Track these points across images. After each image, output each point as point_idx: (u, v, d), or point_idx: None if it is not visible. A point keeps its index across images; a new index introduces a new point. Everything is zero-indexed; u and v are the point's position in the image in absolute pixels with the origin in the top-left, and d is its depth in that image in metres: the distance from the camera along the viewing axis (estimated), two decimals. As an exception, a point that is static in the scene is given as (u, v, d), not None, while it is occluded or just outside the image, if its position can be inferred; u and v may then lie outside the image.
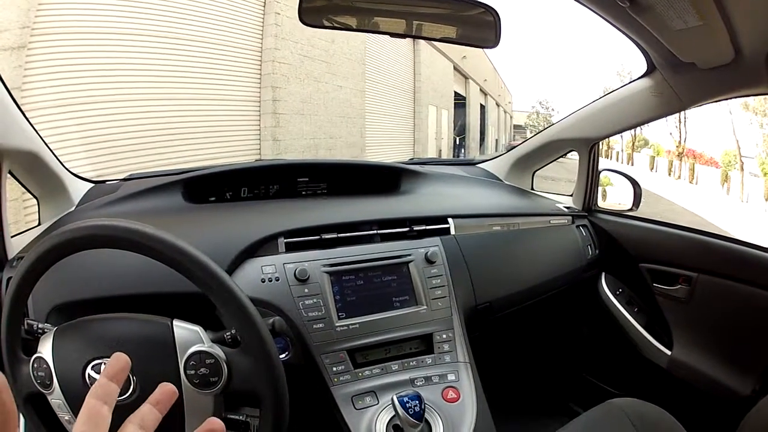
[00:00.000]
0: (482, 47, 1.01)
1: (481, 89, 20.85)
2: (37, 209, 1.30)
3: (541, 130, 1.78)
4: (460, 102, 18.00)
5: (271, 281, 1.03)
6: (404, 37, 1.04)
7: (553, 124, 1.75)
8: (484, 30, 0.97)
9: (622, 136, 11.59)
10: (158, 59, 5.60)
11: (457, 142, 18.18)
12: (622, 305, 1.60)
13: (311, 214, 1.23)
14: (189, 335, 0.76)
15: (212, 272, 0.71)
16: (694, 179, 9.30)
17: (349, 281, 1.10)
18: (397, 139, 12.65)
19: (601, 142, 1.65)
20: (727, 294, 1.35)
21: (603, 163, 1.69)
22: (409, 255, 1.17)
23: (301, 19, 0.95)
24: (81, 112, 4.72)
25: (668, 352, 1.49)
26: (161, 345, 0.75)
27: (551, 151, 1.76)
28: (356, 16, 0.98)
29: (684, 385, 1.45)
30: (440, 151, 15.44)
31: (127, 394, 0.71)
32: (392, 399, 0.89)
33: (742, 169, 8.04)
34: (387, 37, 1.04)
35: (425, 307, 1.12)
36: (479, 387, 1.06)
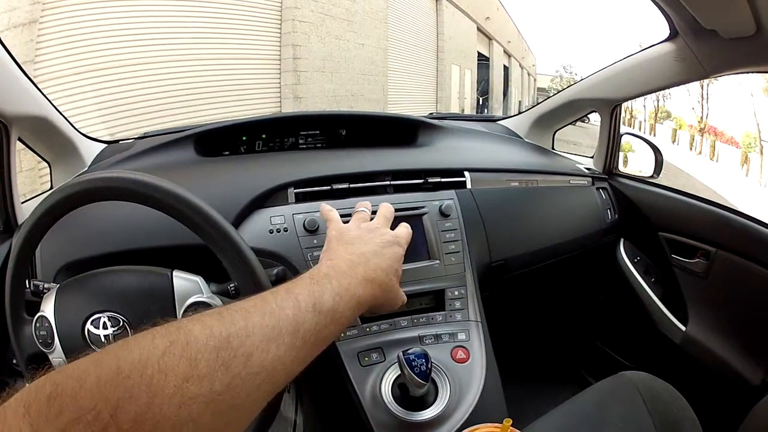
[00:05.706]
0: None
1: (504, 51, 20.30)
2: (49, 176, 1.29)
3: (564, 89, 1.72)
4: (483, 63, 17.60)
5: (279, 232, 1.01)
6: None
7: (576, 82, 1.69)
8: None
9: (644, 106, 11.20)
10: (176, 19, 5.55)
11: (480, 102, 17.84)
12: (639, 274, 1.57)
13: (323, 164, 1.20)
14: (188, 286, 0.75)
15: (210, 219, 0.68)
16: (715, 156, 9.01)
17: None
18: (420, 97, 12.45)
19: (623, 110, 1.59)
20: (745, 274, 1.30)
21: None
22: (423, 207, 1.12)
23: None
24: (97, 78, 4.72)
25: (683, 328, 1.46)
26: (160, 296, 0.74)
27: (573, 110, 1.70)
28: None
29: (696, 365, 1.42)
30: (463, 110, 15.17)
31: None
32: (398, 356, 0.84)
33: (762, 153, 7.80)
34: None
35: (438, 261, 1.08)
36: (490, 349, 1.02)
